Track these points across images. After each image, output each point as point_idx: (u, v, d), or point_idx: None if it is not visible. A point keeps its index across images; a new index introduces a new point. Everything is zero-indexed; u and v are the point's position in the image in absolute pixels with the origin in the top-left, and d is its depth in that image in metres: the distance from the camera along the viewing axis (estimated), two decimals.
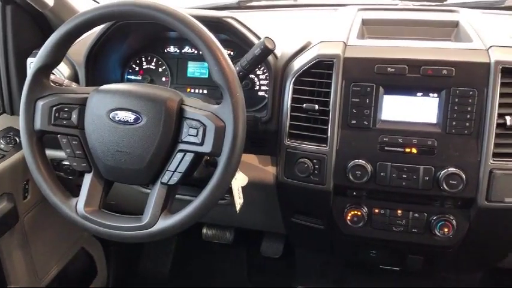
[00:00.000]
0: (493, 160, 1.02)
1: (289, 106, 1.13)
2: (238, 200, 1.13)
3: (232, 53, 1.33)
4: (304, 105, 1.11)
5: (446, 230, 1.10)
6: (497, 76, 1.01)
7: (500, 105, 1.02)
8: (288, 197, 1.23)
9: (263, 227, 1.58)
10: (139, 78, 1.41)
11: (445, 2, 1.55)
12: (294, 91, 1.13)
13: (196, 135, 0.93)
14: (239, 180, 1.11)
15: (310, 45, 1.18)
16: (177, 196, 1.05)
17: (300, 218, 1.26)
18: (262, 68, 1.29)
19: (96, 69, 1.32)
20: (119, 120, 0.96)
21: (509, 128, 1.01)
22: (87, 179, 1.03)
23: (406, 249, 1.22)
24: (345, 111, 1.09)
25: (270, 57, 1.17)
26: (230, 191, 1.11)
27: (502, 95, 1.02)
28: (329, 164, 1.10)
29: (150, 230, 0.97)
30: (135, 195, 1.34)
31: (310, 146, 1.12)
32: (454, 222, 1.10)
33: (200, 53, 0.96)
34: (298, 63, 1.14)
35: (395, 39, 1.21)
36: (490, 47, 1.06)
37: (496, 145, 1.02)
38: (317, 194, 1.14)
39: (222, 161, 0.91)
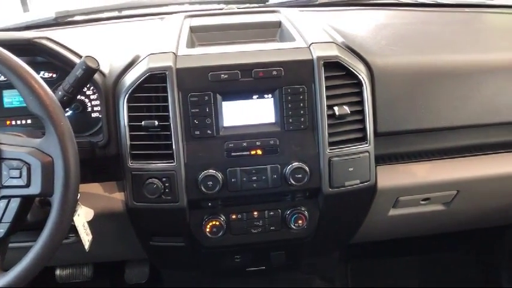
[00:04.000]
0: (330, 149, 1.08)
1: (126, 126, 1.06)
2: (86, 237, 1.02)
3: (54, 76, 1.20)
4: (143, 122, 1.05)
5: (300, 222, 1.15)
6: (321, 71, 1.07)
7: (328, 97, 1.08)
8: (142, 222, 1.16)
9: (122, 256, 1.47)
10: None
11: (266, 3, 1.62)
12: (130, 109, 1.06)
13: (20, 177, 0.82)
14: (83, 216, 1.00)
15: (139, 59, 1.12)
16: (13, 245, 0.92)
17: (159, 240, 1.20)
18: (92, 88, 1.19)
19: None
20: None
21: (338, 117, 1.08)
22: None
23: (267, 248, 1.25)
24: (187, 123, 1.06)
25: (97, 76, 1.08)
26: (75, 229, 1.00)
27: (328, 88, 1.08)
28: (179, 180, 1.06)
29: None
30: None
31: (156, 165, 1.06)
32: (306, 213, 1.15)
33: None
34: (129, 79, 1.08)
35: (225, 45, 1.21)
36: (311, 44, 1.13)
37: (330, 135, 1.09)
38: (172, 213, 1.09)
39: (55, 200, 0.81)
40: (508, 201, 1.35)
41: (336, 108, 1.08)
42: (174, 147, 1.06)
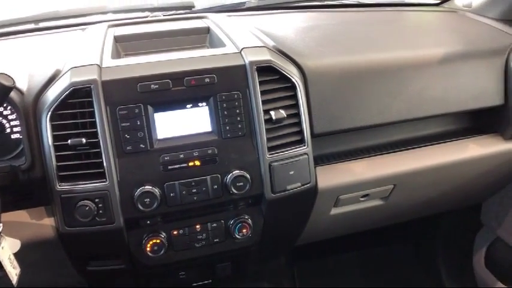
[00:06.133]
0: (269, 154, 1.07)
1: (51, 146, 0.98)
2: (13, 271, 0.93)
3: None
4: (69, 141, 0.98)
5: (244, 230, 1.12)
6: (255, 76, 1.06)
7: (264, 102, 1.07)
8: (77, 247, 1.08)
9: (57, 285, 1.37)
10: None
11: (193, 9, 1.58)
12: (54, 128, 0.99)
13: None
14: (8, 248, 0.91)
15: (61, 74, 1.04)
16: None
17: (97, 264, 1.13)
18: (10, 108, 1.09)
19: None
20: None
21: (275, 122, 1.07)
22: None
23: (212, 261, 1.21)
24: (117, 138, 1.00)
25: (14, 94, 0.99)
26: None
27: (263, 93, 1.07)
28: (113, 199, 1.00)
29: None
30: None
31: (87, 185, 0.99)
32: (249, 221, 1.13)
33: None
34: (50, 96, 1.00)
35: (154, 54, 1.17)
36: (242, 49, 1.11)
37: (269, 140, 1.07)
38: (108, 235, 1.03)
39: None
40: (440, 190, 1.41)
41: (272, 113, 1.07)
42: (105, 164, 0.99)
